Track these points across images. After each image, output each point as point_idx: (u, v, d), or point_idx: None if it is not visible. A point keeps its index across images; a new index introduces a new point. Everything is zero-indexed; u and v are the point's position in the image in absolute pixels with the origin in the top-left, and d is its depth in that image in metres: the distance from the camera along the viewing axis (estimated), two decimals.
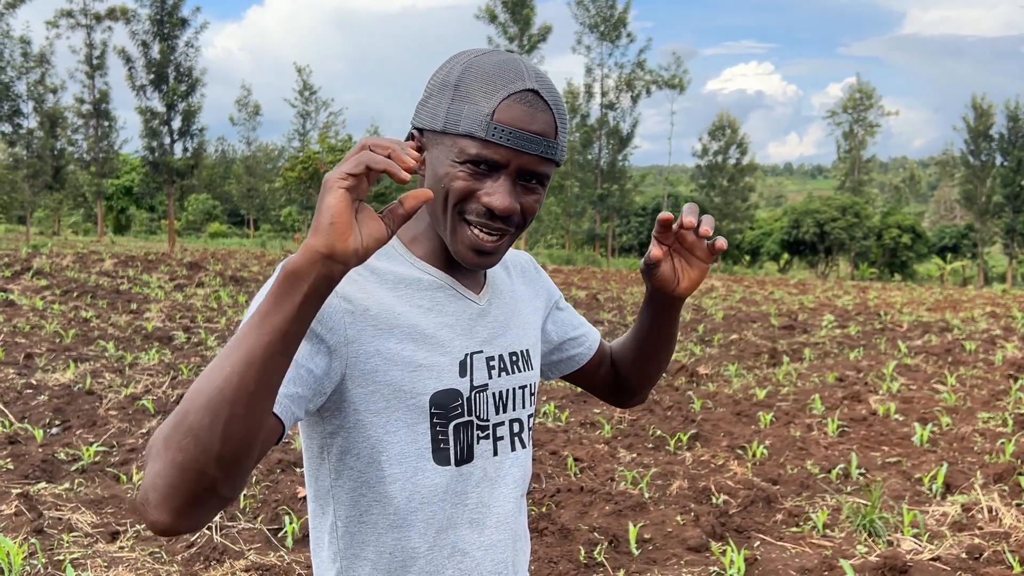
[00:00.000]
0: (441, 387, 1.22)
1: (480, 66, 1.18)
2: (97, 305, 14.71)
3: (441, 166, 1.19)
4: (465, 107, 1.16)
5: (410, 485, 1.21)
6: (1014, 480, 5.84)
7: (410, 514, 1.22)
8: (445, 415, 1.23)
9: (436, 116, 1.19)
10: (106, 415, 7.19)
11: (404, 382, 1.19)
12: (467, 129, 1.16)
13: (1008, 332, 15.84)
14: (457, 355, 1.25)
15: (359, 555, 1.24)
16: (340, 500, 1.23)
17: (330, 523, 1.25)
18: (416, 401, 1.20)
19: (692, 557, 4.57)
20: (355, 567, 1.24)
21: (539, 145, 1.18)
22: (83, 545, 4.52)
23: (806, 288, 32.57)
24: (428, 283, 1.26)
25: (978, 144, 48.33)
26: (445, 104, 1.18)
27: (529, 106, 1.17)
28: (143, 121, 38.57)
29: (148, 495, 0.94)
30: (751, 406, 8.32)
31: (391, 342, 1.19)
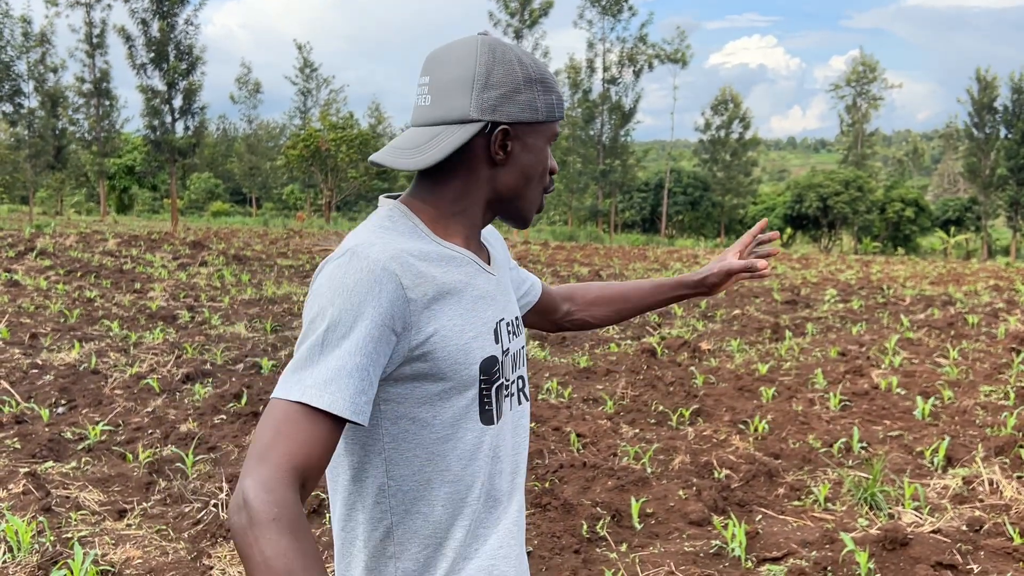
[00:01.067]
0: (485, 355, 1.36)
1: (534, 60, 1.39)
2: (101, 285, 14.75)
3: (538, 151, 1.40)
4: (552, 96, 1.39)
5: (461, 444, 1.34)
6: (1015, 453, 5.87)
7: (461, 470, 1.34)
8: (489, 379, 1.37)
9: (536, 109, 1.37)
10: (111, 394, 7.23)
11: (458, 355, 1.31)
12: (560, 114, 1.42)
13: (1011, 305, 15.83)
14: (491, 324, 1.39)
15: (411, 510, 1.34)
16: (394, 462, 1.32)
17: (380, 484, 1.33)
18: (468, 371, 1.32)
19: (694, 531, 4.61)
20: (407, 522, 1.34)
21: None
22: (90, 523, 4.57)
23: (809, 262, 32.53)
24: (460, 260, 1.38)
25: (982, 117, 48.05)
26: (540, 97, 1.37)
27: None
28: (144, 100, 38.43)
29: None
30: (753, 381, 8.34)
31: (444, 319, 1.30)
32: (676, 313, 14.05)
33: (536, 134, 1.38)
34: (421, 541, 1.35)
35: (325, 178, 55.92)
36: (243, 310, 12.55)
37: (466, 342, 1.32)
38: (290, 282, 16.84)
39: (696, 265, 28.00)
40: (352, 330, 1.19)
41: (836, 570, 4.04)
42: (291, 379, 1.17)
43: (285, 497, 1.07)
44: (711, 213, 57.09)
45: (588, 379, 8.57)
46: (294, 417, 1.13)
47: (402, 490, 1.33)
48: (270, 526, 1.04)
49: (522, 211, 1.44)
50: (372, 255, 1.24)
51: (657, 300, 1.87)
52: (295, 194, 70.69)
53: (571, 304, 1.89)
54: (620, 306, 1.88)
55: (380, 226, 1.35)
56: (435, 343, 1.28)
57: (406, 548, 1.35)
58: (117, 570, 3.94)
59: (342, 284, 1.21)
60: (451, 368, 1.30)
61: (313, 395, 1.15)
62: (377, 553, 1.36)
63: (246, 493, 1.06)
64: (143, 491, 5.05)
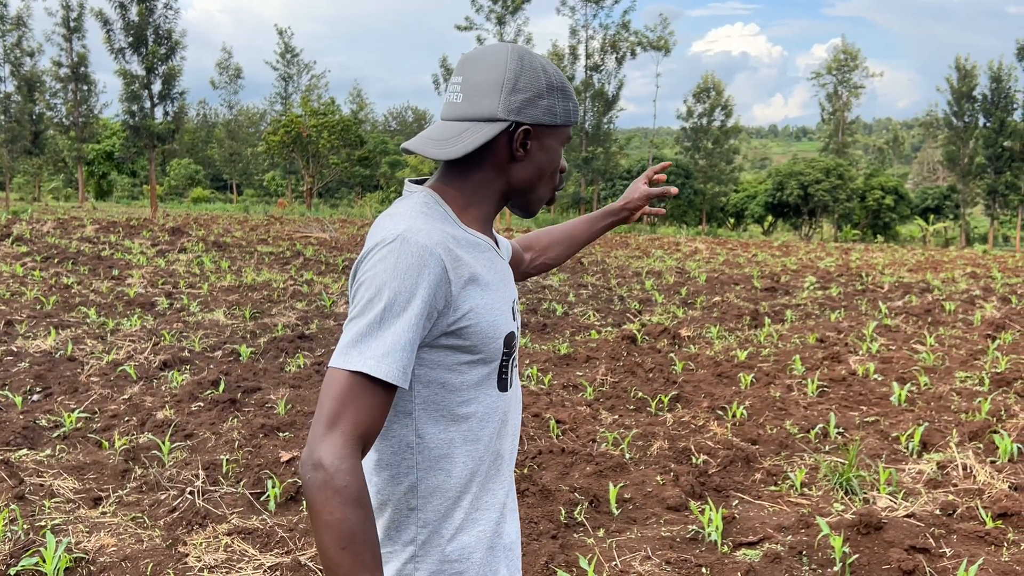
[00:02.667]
0: (507, 330, 1.52)
1: (554, 69, 1.55)
2: (78, 271, 14.62)
3: (554, 151, 1.57)
4: (570, 103, 1.56)
5: (482, 408, 1.51)
6: (988, 438, 5.93)
7: (480, 431, 1.51)
8: (509, 352, 1.54)
9: (555, 113, 1.54)
10: (88, 381, 7.17)
11: (489, 330, 1.47)
12: (575, 119, 1.59)
13: (987, 292, 15.98)
14: (509, 303, 1.56)
15: (434, 467, 1.48)
16: (423, 421, 1.47)
17: (407, 441, 1.48)
18: (496, 344, 1.49)
19: (671, 516, 4.63)
20: (431, 477, 1.48)
21: None
22: (65, 511, 4.53)
23: (789, 250, 32.69)
24: (483, 246, 1.54)
25: (961, 105, 48.35)
26: (559, 103, 1.54)
27: None
28: (123, 85, 38.05)
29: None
30: (732, 367, 8.38)
31: (476, 298, 1.45)
32: (657, 300, 14.09)
33: (553, 136, 1.56)
34: (442, 495, 1.49)
35: (306, 164, 55.60)
36: (222, 297, 12.47)
37: (494, 319, 1.48)
38: (270, 269, 16.75)
39: (678, 252, 28.07)
40: (406, 309, 1.35)
41: (811, 554, 4.07)
42: (352, 351, 1.33)
43: (354, 466, 1.27)
44: (693, 201, 57.18)
45: (568, 366, 8.58)
46: (357, 386, 1.31)
47: (428, 447, 1.47)
48: (341, 492, 1.24)
49: (532, 204, 1.60)
50: (421, 241, 1.38)
51: (595, 231, 2.14)
52: (276, 180, 70.25)
53: (531, 252, 2.09)
54: (569, 243, 2.12)
55: (420, 212, 1.47)
56: (470, 319, 1.44)
57: (428, 502, 1.49)
58: (91, 558, 3.91)
59: (396, 267, 1.36)
60: (482, 342, 1.47)
61: (372, 366, 1.32)
62: (400, 506, 1.49)
63: (322, 457, 1.26)
64: (119, 479, 5.01)
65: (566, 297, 14.01)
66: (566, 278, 17.22)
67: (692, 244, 34.22)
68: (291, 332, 9.61)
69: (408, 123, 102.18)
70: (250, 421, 6.07)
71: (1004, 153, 46.26)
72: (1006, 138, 46.02)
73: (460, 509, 1.51)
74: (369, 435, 1.33)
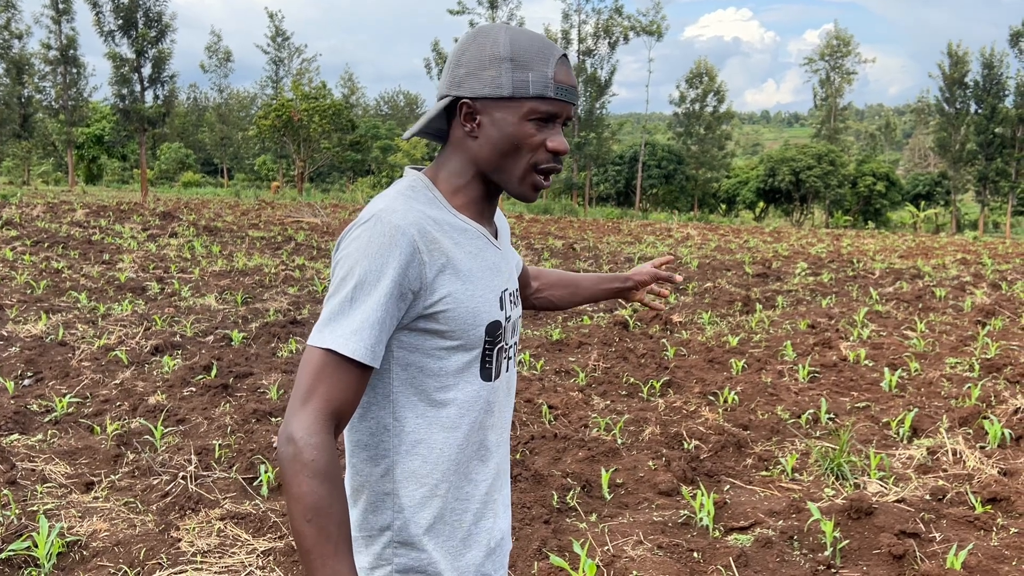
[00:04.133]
0: (491, 319, 1.49)
1: (523, 40, 1.45)
2: (69, 256, 14.55)
3: (511, 126, 1.45)
4: (529, 74, 1.43)
5: (462, 395, 1.48)
6: (978, 424, 5.97)
7: (459, 418, 1.48)
8: (492, 341, 1.51)
9: (500, 86, 1.44)
10: (79, 366, 7.15)
11: (468, 316, 1.45)
12: (538, 91, 1.44)
13: (977, 279, 16.04)
14: (497, 292, 1.53)
15: (411, 451, 1.47)
16: (400, 404, 1.46)
17: (384, 424, 1.47)
18: (476, 331, 1.47)
19: (663, 501, 4.65)
20: (406, 461, 1.47)
21: (576, 96, 1.51)
22: (57, 496, 4.52)
23: (781, 236, 32.75)
24: (472, 233, 1.51)
25: (953, 92, 48.39)
26: (507, 75, 1.43)
27: (567, 67, 1.48)
28: (112, 68, 37.77)
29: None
30: (724, 353, 8.40)
31: (456, 284, 1.44)
32: None
33: (505, 109, 1.44)
34: (417, 481, 1.48)
35: (297, 149, 55.37)
36: (213, 282, 12.43)
37: (475, 306, 1.46)
38: (261, 254, 16.70)
39: (669, 238, 28.10)
40: (376, 288, 1.35)
41: (802, 539, 4.09)
42: (324, 329, 1.36)
43: (323, 442, 1.30)
44: (685, 187, 57.18)
45: (561, 351, 8.59)
46: (329, 364, 1.33)
47: (404, 431, 1.47)
48: (308, 466, 1.28)
49: (506, 184, 1.51)
50: (393, 220, 1.38)
51: (598, 290, 2.13)
52: (267, 165, 69.95)
53: (539, 283, 2.07)
54: (574, 291, 2.10)
55: (403, 194, 1.47)
56: (447, 304, 1.42)
57: (404, 486, 1.48)
58: (83, 542, 3.91)
59: (368, 246, 1.37)
60: (460, 328, 1.44)
61: (342, 343, 1.33)
62: (377, 489, 1.49)
63: (293, 432, 1.29)
64: (111, 464, 5.00)
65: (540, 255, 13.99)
66: (559, 263, 17.22)
67: (684, 230, 34.24)
68: (283, 317, 9.59)
69: (400, 107, 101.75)
70: (242, 406, 6.06)
71: (995, 140, 46.35)
72: (997, 125, 46.10)
73: (437, 497, 1.49)
74: (342, 412, 1.34)
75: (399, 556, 1.49)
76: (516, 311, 1.62)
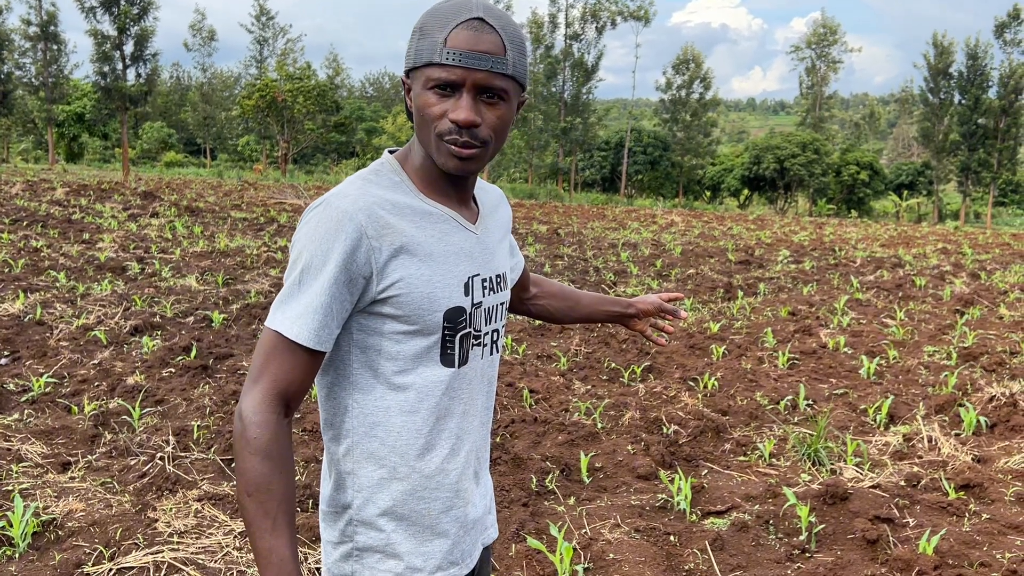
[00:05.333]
0: (451, 305, 1.47)
1: (437, 8, 1.40)
2: (48, 235, 14.41)
3: (418, 97, 1.42)
4: (426, 42, 1.39)
5: (420, 380, 1.47)
6: (954, 411, 6.03)
7: (418, 403, 1.47)
8: (453, 327, 1.48)
9: (409, 57, 1.43)
10: (57, 346, 7.09)
11: (423, 302, 1.43)
12: (427, 59, 1.38)
13: (957, 268, 16.17)
14: (462, 278, 1.49)
15: (370, 433, 1.48)
16: (360, 387, 1.47)
17: (345, 405, 1.49)
18: (432, 317, 1.44)
19: (641, 485, 4.68)
20: (365, 443, 1.48)
21: (487, 61, 1.37)
22: (33, 475, 4.50)
23: (764, 224, 32.87)
24: (437, 216, 1.49)
25: (937, 82, 48.54)
26: (414, 45, 1.41)
27: (475, 31, 1.37)
28: (94, 45, 37.35)
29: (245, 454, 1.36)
30: (704, 339, 8.44)
31: (412, 268, 1.42)
32: (632, 272, 14.13)
33: (416, 80, 1.43)
34: (376, 463, 1.48)
35: (281, 130, 54.99)
36: (195, 262, 12.35)
37: (430, 291, 1.43)
38: (244, 235, 16.60)
39: (654, 225, 28.14)
40: (321, 272, 1.36)
41: (778, 523, 4.13)
42: (276, 311, 1.39)
43: (267, 420, 1.34)
44: (670, 173, 57.20)
45: (543, 336, 8.60)
46: (278, 345, 1.37)
47: (364, 412, 1.47)
48: (251, 443, 1.33)
49: (431, 156, 1.45)
50: (342, 206, 1.38)
51: (598, 311, 2.10)
52: (251, 146, 69.45)
53: (537, 289, 2.06)
54: (572, 306, 2.08)
55: (363, 177, 1.47)
56: (400, 289, 1.41)
57: (362, 467, 1.49)
58: (59, 522, 3.89)
59: (315, 231, 1.37)
60: (415, 313, 1.43)
61: (287, 327, 1.37)
62: (341, 469, 1.51)
63: (243, 409, 1.35)
64: (88, 444, 4.98)
65: (542, 268, 14.01)
66: (542, 248, 17.22)
67: (668, 216, 34.30)
68: (264, 299, 9.55)
69: (385, 89, 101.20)
70: (222, 387, 6.04)
71: (978, 130, 46.60)
72: (980, 115, 46.34)
73: (397, 480, 1.49)
74: (291, 393, 1.38)
75: (359, 534, 1.51)
76: (494, 298, 1.59)
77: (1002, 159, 46.03)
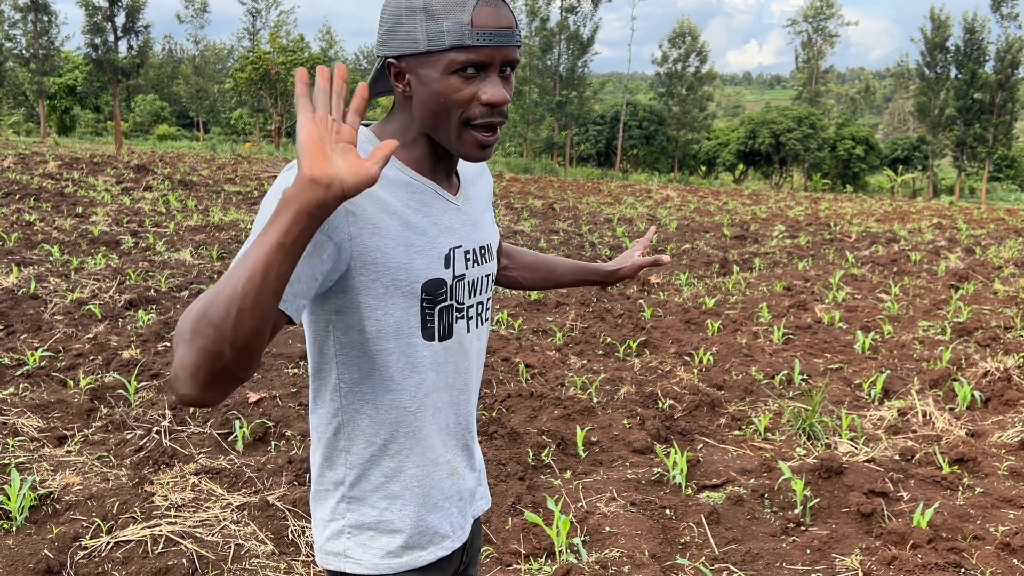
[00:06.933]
0: (430, 276, 1.43)
1: None
2: (41, 208, 14.33)
3: (435, 83, 1.34)
4: (444, 23, 1.30)
5: (403, 356, 1.44)
6: (948, 386, 6.05)
7: (403, 380, 1.45)
8: (432, 300, 1.44)
9: (416, 40, 1.33)
10: (51, 320, 7.07)
11: (400, 272, 1.39)
12: (453, 42, 1.31)
13: (952, 243, 16.19)
14: (443, 249, 1.45)
15: (359, 410, 1.46)
16: (344, 365, 1.44)
17: (333, 383, 1.46)
18: (410, 288, 1.40)
19: (637, 459, 4.69)
20: (355, 420, 1.46)
21: (511, 37, 1.35)
22: (29, 449, 4.49)
23: (759, 199, 32.84)
24: (416, 187, 1.44)
25: (934, 56, 48.35)
26: (421, 27, 1.32)
27: (494, 6, 1.33)
28: (85, 16, 36.99)
29: (178, 373, 1.13)
30: (700, 314, 8.45)
31: (388, 238, 1.37)
32: (627, 247, 14.11)
33: (427, 65, 1.34)
34: (366, 440, 1.47)
35: (275, 103, 54.66)
36: (189, 236, 12.31)
37: (408, 261, 1.39)
38: (237, 209, 16.53)
39: (649, 199, 28.10)
40: None
41: (773, 497, 4.15)
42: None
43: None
44: (665, 148, 57.03)
45: (538, 311, 8.60)
46: None
47: (352, 391, 1.45)
48: (181, 322, 1.14)
49: (448, 145, 1.41)
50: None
51: (576, 279, 2.04)
52: (244, 119, 69.04)
53: (509, 261, 2.01)
54: (546, 275, 2.03)
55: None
56: (376, 259, 1.36)
57: (354, 443, 1.47)
58: (56, 496, 3.90)
59: (278, 189, 1.30)
60: (393, 283, 1.38)
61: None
62: (331, 445, 1.49)
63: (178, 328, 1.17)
64: (84, 418, 4.97)
65: (537, 243, 13.99)
66: (538, 223, 17.19)
67: (663, 191, 34.24)
68: None
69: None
70: None
71: (974, 105, 46.48)
72: (977, 90, 46.21)
73: (388, 457, 1.48)
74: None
75: (351, 511, 1.50)
76: (478, 270, 1.54)
77: (998, 134, 45.96)
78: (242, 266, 1.11)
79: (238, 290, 1.10)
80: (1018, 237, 18.62)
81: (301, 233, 1.12)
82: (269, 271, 1.11)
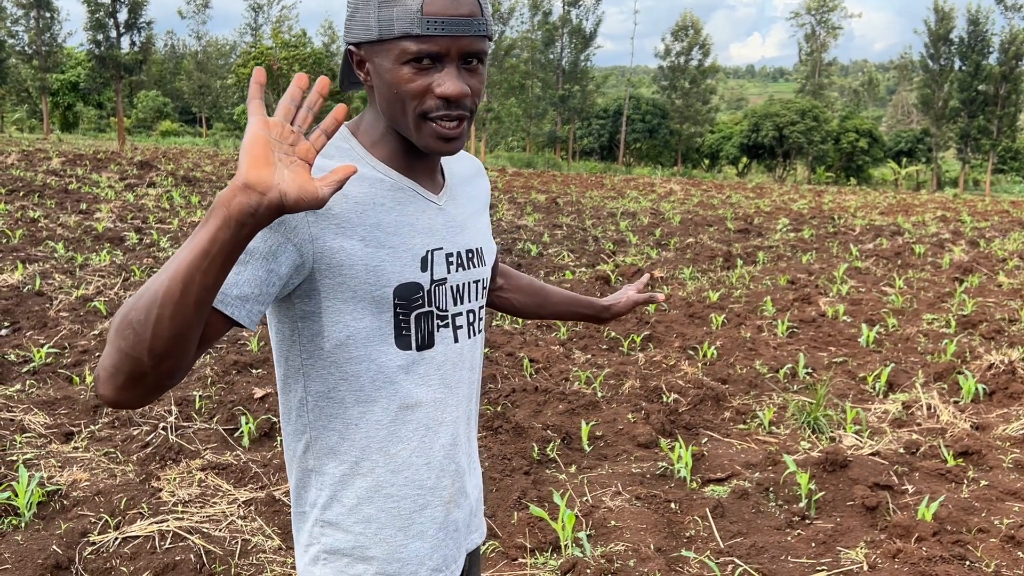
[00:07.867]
0: (403, 280, 1.31)
1: None
2: (45, 205, 14.36)
3: (388, 73, 1.25)
4: (394, 10, 1.22)
5: (374, 366, 1.32)
6: (953, 379, 6.05)
7: (374, 391, 1.33)
8: (407, 305, 1.33)
9: (369, 27, 1.25)
10: (57, 316, 7.09)
11: (368, 275, 1.28)
12: (403, 30, 1.21)
13: (956, 236, 16.16)
14: (419, 251, 1.34)
15: (327, 426, 1.35)
16: (311, 377, 1.34)
17: (299, 398, 1.36)
18: (380, 293, 1.29)
19: (642, 453, 4.70)
20: (324, 437, 1.36)
21: (471, 26, 1.24)
22: (36, 446, 4.51)
23: (763, 192, 32.80)
24: (390, 184, 1.33)
25: (938, 48, 48.22)
26: (374, 13, 1.23)
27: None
28: (87, 12, 37.01)
29: (99, 373, 1.09)
30: (704, 308, 8.45)
31: (354, 239, 1.27)
32: (631, 241, 14.11)
33: (381, 54, 1.26)
34: (337, 458, 1.36)
35: (277, 98, 54.63)
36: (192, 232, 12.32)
37: (378, 263, 1.29)
38: None
39: (652, 193, 28.09)
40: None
41: (778, 491, 4.16)
42: None
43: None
44: (668, 141, 56.97)
45: None
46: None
47: (319, 406, 1.35)
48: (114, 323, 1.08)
49: (409, 137, 1.31)
50: None
51: (570, 311, 1.95)
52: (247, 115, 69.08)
53: (504, 281, 1.90)
54: (542, 302, 1.93)
55: None
56: (342, 260, 1.26)
57: (324, 463, 1.37)
58: (64, 492, 3.91)
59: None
60: (361, 287, 1.28)
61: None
62: (302, 465, 1.40)
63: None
64: (90, 414, 4.99)
65: (541, 237, 13.99)
66: (541, 218, 17.18)
67: (667, 185, 34.21)
68: None
69: None
70: (223, 358, 6.05)
71: (978, 97, 46.37)
72: (981, 82, 46.10)
73: (360, 476, 1.36)
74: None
75: (326, 536, 1.39)
76: (464, 275, 1.42)
77: (1002, 126, 45.86)
78: (166, 270, 1.05)
79: (158, 296, 1.03)
80: (1022, 229, 18.59)
81: (229, 241, 1.03)
82: (191, 279, 1.03)
